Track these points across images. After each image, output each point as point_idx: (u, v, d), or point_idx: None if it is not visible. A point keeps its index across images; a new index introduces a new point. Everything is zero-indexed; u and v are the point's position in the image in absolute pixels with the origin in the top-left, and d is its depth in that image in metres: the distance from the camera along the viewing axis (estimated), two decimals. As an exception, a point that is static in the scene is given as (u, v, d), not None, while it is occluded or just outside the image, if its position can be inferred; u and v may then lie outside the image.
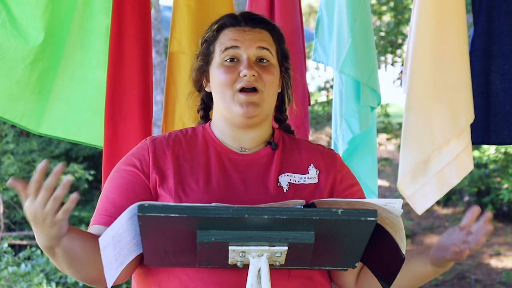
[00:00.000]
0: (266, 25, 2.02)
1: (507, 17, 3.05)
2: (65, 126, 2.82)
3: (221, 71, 1.94)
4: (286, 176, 1.93)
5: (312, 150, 2.02)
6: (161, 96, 7.43)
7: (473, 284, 8.68)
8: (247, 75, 1.90)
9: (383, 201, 1.72)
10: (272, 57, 1.97)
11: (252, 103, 1.91)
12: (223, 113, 1.96)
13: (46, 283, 6.74)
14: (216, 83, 1.96)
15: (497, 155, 9.40)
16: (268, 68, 1.95)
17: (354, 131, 3.14)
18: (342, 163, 2.04)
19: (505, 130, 3.07)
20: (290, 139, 2.05)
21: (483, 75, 3.07)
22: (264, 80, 1.92)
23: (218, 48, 1.97)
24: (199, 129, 2.02)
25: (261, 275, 1.59)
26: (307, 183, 1.93)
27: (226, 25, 1.99)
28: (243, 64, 1.92)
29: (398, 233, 1.70)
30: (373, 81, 3.16)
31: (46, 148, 9.68)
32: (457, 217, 10.74)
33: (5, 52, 2.62)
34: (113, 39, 2.82)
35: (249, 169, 1.92)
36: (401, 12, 10.29)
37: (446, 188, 3.10)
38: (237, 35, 1.96)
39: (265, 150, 1.98)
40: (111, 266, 1.63)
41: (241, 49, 1.94)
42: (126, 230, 1.61)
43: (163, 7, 11.56)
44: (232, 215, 1.54)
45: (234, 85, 1.92)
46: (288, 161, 1.97)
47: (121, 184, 1.89)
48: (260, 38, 1.97)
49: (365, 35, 3.17)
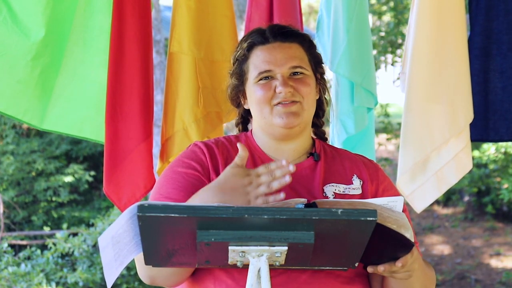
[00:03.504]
0: (295, 37, 2.02)
1: (506, 16, 3.08)
2: (68, 122, 2.84)
3: (258, 88, 1.96)
4: (331, 186, 1.95)
5: (354, 160, 2.03)
6: (161, 96, 7.42)
7: (473, 284, 8.67)
8: (282, 92, 1.92)
9: (384, 200, 1.73)
10: (305, 69, 1.98)
11: (292, 113, 1.93)
12: (263, 128, 1.99)
13: (46, 283, 6.74)
14: (254, 101, 1.98)
15: (497, 155, 9.40)
16: (303, 80, 1.96)
17: (349, 131, 3.13)
18: (384, 174, 2.05)
19: (503, 127, 3.10)
20: (330, 149, 2.06)
21: (482, 74, 3.10)
22: (301, 92, 1.95)
23: (252, 70, 1.99)
24: (242, 138, 2.04)
25: (261, 275, 1.59)
26: (351, 193, 1.95)
27: (255, 43, 2.00)
28: (278, 81, 1.94)
29: (403, 226, 1.70)
30: (368, 82, 3.15)
31: (47, 149, 9.68)
32: (457, 217, 10.74)
33: (7, 49, 2.64)
34: (114, 39, 2.82)
35: (295, 181, 1.91)
36: (401, 12, 10.29)
37: (445, 187, 3.12)
38: (268, 56, 1.97)
39: (308, 161, 2.00)
40: (111, 266, 1.63)
41: (274, 71, 1.95)
42: (126, 231, 1.61)
43: (163, 7, 11.56)
44: (232, 215, 1.53)
45: (272, 101, 1.94)
46: (331, 172, 1.98)
47: (185, 186, 1.88)
48: (292, 55, 1.97)
49: (361, 36, 3.16)
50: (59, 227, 8.80)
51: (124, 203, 2.84)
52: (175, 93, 3.00)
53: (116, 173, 2.85)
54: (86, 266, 7.07)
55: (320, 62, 2.06)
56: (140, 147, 2.87)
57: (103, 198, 9.65)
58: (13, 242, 8.31)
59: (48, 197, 9.24)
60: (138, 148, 2.87)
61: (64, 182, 9.19)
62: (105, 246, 1.60)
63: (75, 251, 7.09)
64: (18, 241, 8.47)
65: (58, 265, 7.11)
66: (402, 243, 1.70)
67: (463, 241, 9.97)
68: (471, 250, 9.63)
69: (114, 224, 1.60)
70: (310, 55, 2.03)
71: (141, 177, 2.88)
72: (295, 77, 1.96)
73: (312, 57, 2.03)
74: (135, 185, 2.87)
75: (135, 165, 2.87)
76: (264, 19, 3.13)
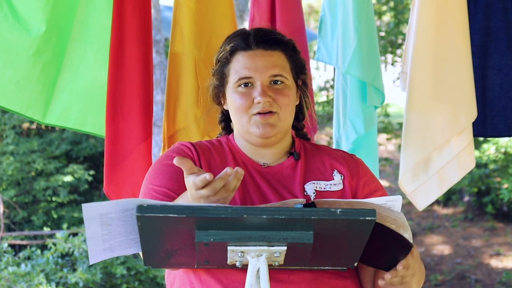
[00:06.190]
0: (278, 45, 2.01)
1: (504, 14, 3.12)
2: (70, 116, 2.85)
3: (237, 96, 1.97)
4: (311, 184, 1.96)
5: (335, 156, 2.04)
6: (161, 96, 7.42)
7: (473, 284, 8.67)
8: (260, 102, 1.93)
9: (383, 199, 1.73)
10: (286, 78, 1.98)
11: (269, 124, 1.94)
12: (241, 134, 2.01)
13: (46, 283, 6.74)
14: (232, 108, 2.00)
15: (497, 155, 9.39)
16: (283, 91, 1.97)
17: (358, 131, 3.15)
18: (365, 169, 2.05)
19: (501, 123, 3.14)
20: (311, 146, 2.07)
21: (480, 71, 3.14)
22: (279, 103, 1.95)
23: (232, 74, 1.99)
24: (223, 141, 2.06)
25: (260, 275, 1.59)
26: (333, 190, 1.96)
27: (238, 48, 2.00)
28: (257, 90, 1.94)
29: (402, 226, 1.71)
30: (378, 81, 3.18)
31: (47, 149, 9.68)
32: (457, 217, 10.74)
33: (9, 45, 2.66)
34: (114, 39, 2.83)
35: (276, 181, 1.96)
36: (401, 12, 10.29)
37: (447, 186, 3.14)
38: (249, 62, 1.97)
39: (288, 161, 2.01)
40: (97, 243, 1.62)
41: (254, 77, 1.96)
42: (120, 219, 1.61)
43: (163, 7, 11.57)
44: (231, 215, 1.53)
45: (250, 110, 1.95)
46: (311, 169, 1.99)
47: (177, 176, 1.87)
48: (273, 63, 1.97)
49: (369, 36, 3.17)
50: (59, 227, 8.79)
51: (124, 203, 2.84)
52: (176, 93, 3.00)
53: (116, 173, 2.86)
54: (86, 266, 7.07)
55: (303, 68, 2.06)
56: (141, 147, 2.88)
57: (103, 198, 9.64)
58: (13, 242, 8.30)
59: (48, 197, 9.24)
60: (139, 148, 2.87)
61: (64, 182, 9.19)
62: (91, 218, 1.59)
63: (75, 251, 7.09)
64: (18, 241, 8.46)
65: (58, 265, 7.11)
66: (401, 244, 1.70)
67: (463, 241, 9.96)
68: (471, 250, 9.62)
69: (105, 203, 1.59)
70: (293, 62, 2.02)
71: (142, 177, 2.85)
72: (275, 87, 1.96)
73: (294, 65, 2.03)
74: (135, 185, 2.88)
75: (136, 165, 2.88)
76: (266, 20, 3.13)
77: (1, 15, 2.65)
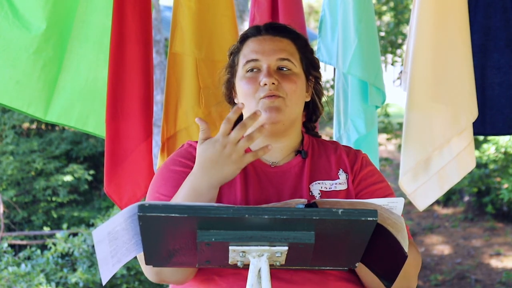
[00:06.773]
0: (288, 33, 2.02)
1: (504, 13, 3.13)
2: (72, 115, 2.86)
3: (244, 82, 1.96)
4: (317, 184, 1.95)
5: (340, 153, 2.03)
6: (161, 96, 7.42)
7: (473, 284, 8.67)
8: (267, 84, 1.92)
9: (385, 200, 1.72)
10: (294, 66, 1.98)
11: (275, 108, 1.92)
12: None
13: (46, 283, 6.74)
14: (241, 95, 1.99)
15: (497, 155, 9.40)
16: (289, 77, 1.96)
17: (360, 131, 3.14)
18: (366, 162, 2.04)
19: (500, 122, 3.15)
20: (319, 144, 2.05)
21: (480, 70, 3.14)
22: (285, 88, 1.94)
23: (241, 60, 2.00)
24: None
25: (262, 275, 1.59)
26: (338, 189, 1.95)
27: (248, 36, 2.01)
28: (263, 73, 1.94)
29: (400, 232, 1.70)
30: (379, 81, 3.18)
31: (46, 149, 9.68)
32: (457, 217, 10.74)
33: (9, 43, 2.67)
34: (114, 39, 2.83)
35: (282, 181, 1.94)
36: (401, 12, 10.30)
37: (448, 186, 3.14)
38: (257, 46, 1.98)
39: (296, 159, 1.99)
40: (107, 262, 1.62)
41: (261, 60, 1.96)
42: (125, 229, 1.61)
43: (163, 7, 11.57)
44: (232, 215, 1.53)
45: (257, 94, 1.93)
46: (318, 169, 1.98)
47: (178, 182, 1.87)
48: (281, 48, 1.97)
49: (370, 35, 3.17)
50: (59, 227, 8.80)
51: (125, 202, 2.85)
52: (176, 93, 3.00)
53: (117, 173, 2.86)
54: (86, 266, 7.07)
55: (315, 65, 2.05)
56: (141, 147, 2.88)
57: (103, 198, 9.65)
58: (13, 242, 8.30)
59: (48, 197, 9.24)
60: (139, 148, 2.88)
61: (64, 182, 9.19)
62: (100, 241, 1.60)
63: (75, 251, 7.09)
64: (18, 241, 8.47)
65: (58, 265, 7.11)
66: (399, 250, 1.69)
67: (463, 241, 9.96)
68: (471, 250, 9.63)
69: (111, 220, 1.60)
70: (303, 54, 2.02)
71: (142, 176, 2.89)
72: (282, 72, 1.96)
73: (305, 57, 2.02)
74: (136, 185, 2.88)
75: (136, 164, 2.88)
76: (266, 20, 3.13)
77: (2, 13, 2.66)
